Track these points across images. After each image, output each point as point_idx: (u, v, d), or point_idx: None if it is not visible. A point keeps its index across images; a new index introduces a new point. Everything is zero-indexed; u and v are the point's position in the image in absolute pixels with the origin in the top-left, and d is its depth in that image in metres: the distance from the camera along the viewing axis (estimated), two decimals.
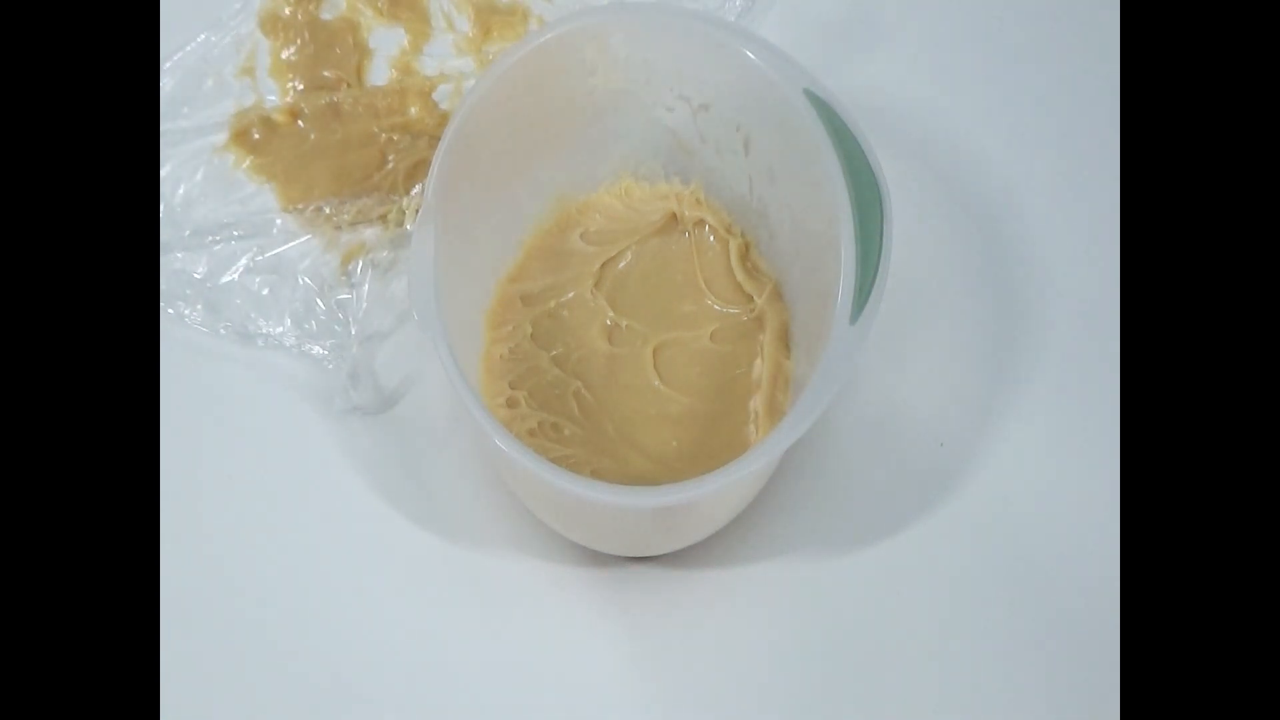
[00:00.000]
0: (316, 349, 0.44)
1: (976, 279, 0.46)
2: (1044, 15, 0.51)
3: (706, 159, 0.44)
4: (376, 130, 0.48)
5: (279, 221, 0.47)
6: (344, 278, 0.46)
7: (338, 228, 0.46)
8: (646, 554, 0.41)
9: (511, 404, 0.41)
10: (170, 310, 0.45)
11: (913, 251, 0.41)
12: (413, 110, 0.49)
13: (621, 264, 0.44)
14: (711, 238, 0.44)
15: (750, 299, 0.43)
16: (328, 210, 0.46)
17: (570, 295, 0.44)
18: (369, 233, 0.46)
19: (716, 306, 0.43)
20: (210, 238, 0.46)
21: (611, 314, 0.43)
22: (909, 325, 0.45)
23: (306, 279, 0.45)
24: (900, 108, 0.49)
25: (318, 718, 0.40)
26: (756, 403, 0.41)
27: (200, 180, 0.47)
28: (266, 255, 0.46)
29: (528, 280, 0.44)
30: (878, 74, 0.49)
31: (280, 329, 0.45)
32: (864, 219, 0.36)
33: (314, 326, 0.45)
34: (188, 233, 0.46)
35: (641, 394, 0.42)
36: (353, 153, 0.48)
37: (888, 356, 0.44)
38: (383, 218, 0.46)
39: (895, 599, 0.41)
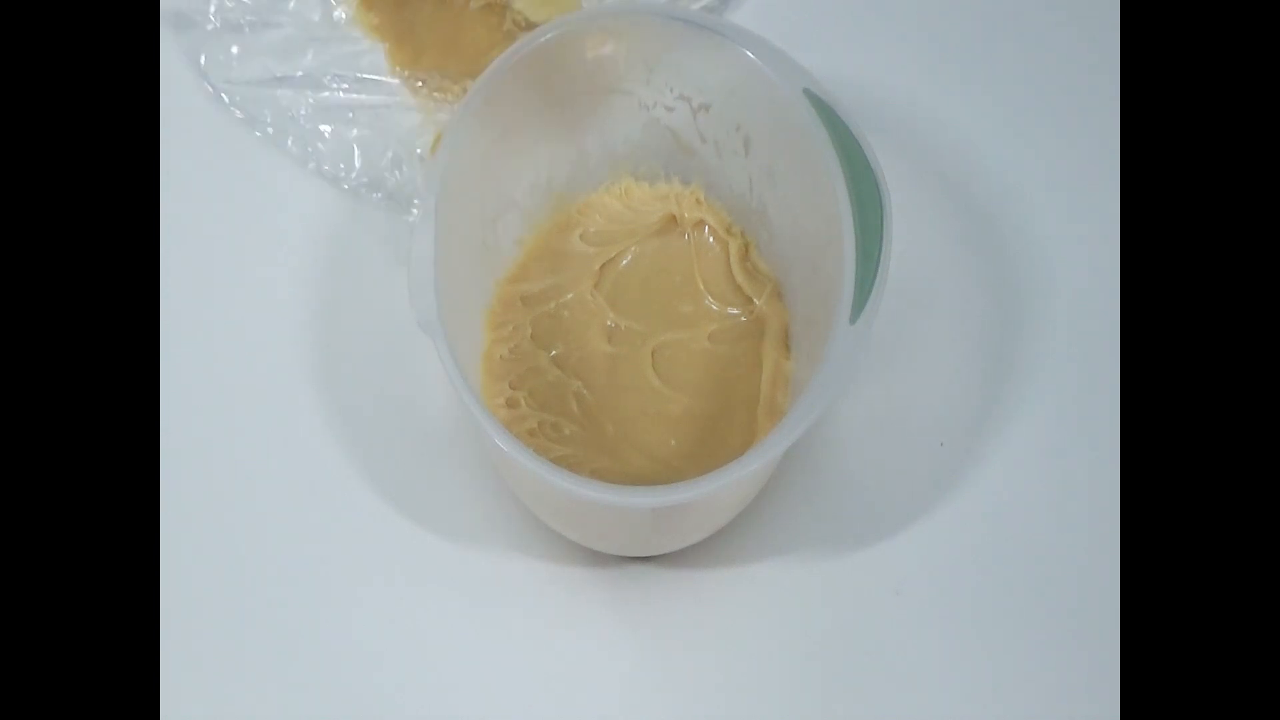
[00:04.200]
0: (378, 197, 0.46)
1: (976, 279, 0.46)
2: (1044, 14, 0.51)
3: (706, 159, 0.44)
4: (490, 12, 0.48)
5: (387, 81, 0.47)
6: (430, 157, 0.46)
7: (439, 103, 0.46)
8: (646, 554, 0.41)
9: (511, 404, 0.41)
10: (258, 134, 0.46)
11: (913, 251, 0.41)
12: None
13: (621, 265, 0.44)
14: (711, 239, 0.44)
15: (750, 300, 0.43)
16: (430, 82, 0.47)
17: (570, 296, 0.43)
18: None
19: (716, 307, 0.43)
20: (323, 79, 0.47)
21: (611, 314, 0.43)
22: (909, 325, 0.44)
23: (397, 144, 0.46)
24: (900, 108, 0.49)
25: (317, 717, 0.40)
26: (756, 403, 0.41)
27: (318, 21, 0.48)
28: (366, 111, 0.47)
29: (528, 280, 0.44)
30: (877, 73, 0.49)
31: (365, 179, 0.46)
32: (864, 219, 0.36)
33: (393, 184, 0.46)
34: (299, 74, 0.47)
35: (641, 394, 0.42)
36: (467, 30, 0.48)
37: (888, 356, 0.44)
38: None
39: (895, 599, 0.41)
